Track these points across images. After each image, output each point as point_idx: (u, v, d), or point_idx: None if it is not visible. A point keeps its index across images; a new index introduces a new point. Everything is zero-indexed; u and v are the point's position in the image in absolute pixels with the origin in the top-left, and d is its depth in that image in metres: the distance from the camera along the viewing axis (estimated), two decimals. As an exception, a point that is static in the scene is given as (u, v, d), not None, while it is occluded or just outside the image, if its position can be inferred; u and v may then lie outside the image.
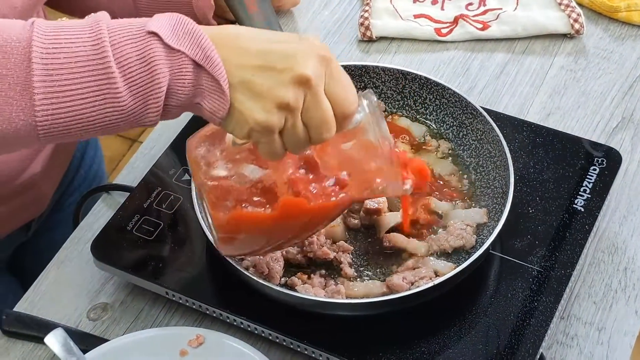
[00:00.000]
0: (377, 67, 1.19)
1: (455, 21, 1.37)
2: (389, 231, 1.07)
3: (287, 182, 0.91)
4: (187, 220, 1.10)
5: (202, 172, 0.91)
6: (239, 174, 0.91)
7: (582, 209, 1.10)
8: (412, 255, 1.05)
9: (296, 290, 1.01)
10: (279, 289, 0.99)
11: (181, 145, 0.98)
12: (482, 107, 1.13)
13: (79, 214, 1.21)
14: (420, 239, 1.06)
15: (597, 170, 1.14)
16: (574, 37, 1.36)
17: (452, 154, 1.15)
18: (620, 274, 1.10)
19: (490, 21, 1.37)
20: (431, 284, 0.98)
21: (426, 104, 1.18)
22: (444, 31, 1.36)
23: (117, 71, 0.81)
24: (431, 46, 1.36)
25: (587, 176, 1.13)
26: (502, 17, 1.37)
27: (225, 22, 1.34)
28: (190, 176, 1.09)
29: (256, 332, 1.02)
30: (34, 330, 1.06)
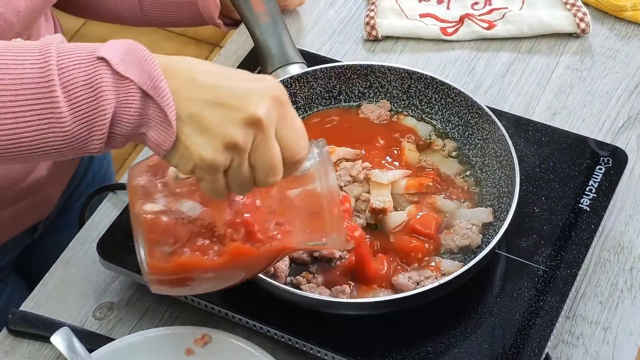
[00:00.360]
0: (382, 66, 1.19)
1: (460, 20, 1.37)
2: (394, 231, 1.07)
3: (227, 223, 0.87)
4: (193, 219, 1.10)
5: (140, 203, 0.87)
6: (177, 209, 0.86)
7: (588, 209, 1.10)
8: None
9: (301, 289, 1.01)
10: (284, 288, 0.99)
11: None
12: (487, 106, 1.13)
13: (85, 213, 1.20)
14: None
15: (603, 169, 1.14)
16: (580, 36, 1.35)
17: (457, 154, 1.15)
18: (626, 273, 1.09)
19: (496, 20, 1.37)
20: (436, 284, 0.98)
21: (432, 104, 1.18)
22: (450, 30, 1.36)
23: (61, 95, 0.79)
24: (437, 45, 1.36)
25: (593, 175, 1.13)
26: (507, 16, 1.37)
27: (231, 22, 1.35)
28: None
29: (262, 331, 1.02)
30: (40, 329, 1.06)
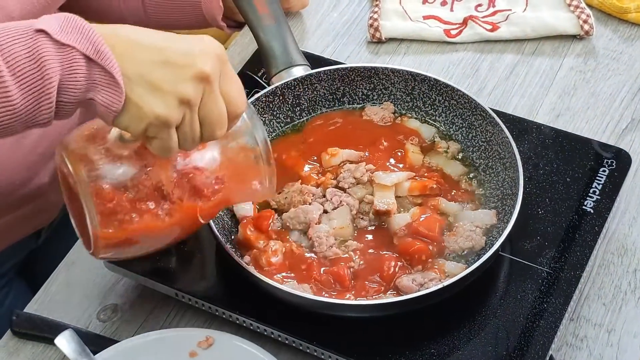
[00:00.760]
0: (386, 68, 1.19)
1: (464, 22, 1.37)
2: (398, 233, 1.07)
3: (174, 182, 0.91)
4: (197, 221, 1.11)
5: (84, 170, 0.88)
6: (124, 173, 0.89)
7: (592, 211, 1.10)
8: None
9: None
10: (287, 290, 0.99)
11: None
12: (491, 108, 1.13)
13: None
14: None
15: (607, 171, 1.13)
16: (584, 38, 1.35)
17: (461, 156, 1.15)
18: (629, 275, 1.09)
19: (499, 22, 1.37)
20: (440, 286, 0.98)
21: (435, 106, 1.18)
22: (453, 32, 1.36)
23: (6, 71, 0.80)
24: (440, 47, 1.36)
25: (597, 177, 1.13)
26: (511, 18, 1.37)
27: (234, 24, 1.35)
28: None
29: (265, 333, 1.02)
30: (45, 331, 1.06)
